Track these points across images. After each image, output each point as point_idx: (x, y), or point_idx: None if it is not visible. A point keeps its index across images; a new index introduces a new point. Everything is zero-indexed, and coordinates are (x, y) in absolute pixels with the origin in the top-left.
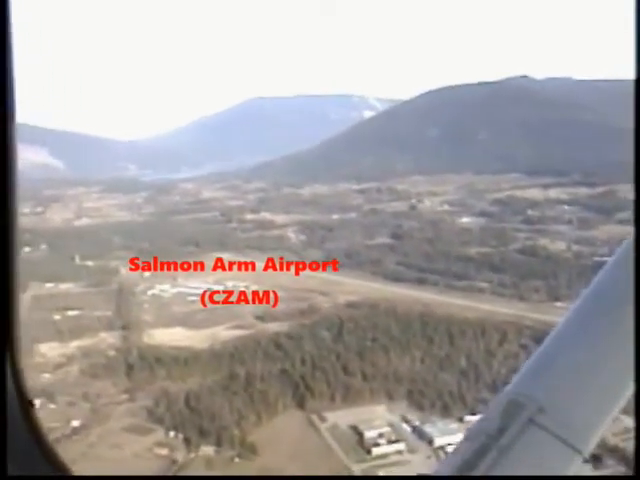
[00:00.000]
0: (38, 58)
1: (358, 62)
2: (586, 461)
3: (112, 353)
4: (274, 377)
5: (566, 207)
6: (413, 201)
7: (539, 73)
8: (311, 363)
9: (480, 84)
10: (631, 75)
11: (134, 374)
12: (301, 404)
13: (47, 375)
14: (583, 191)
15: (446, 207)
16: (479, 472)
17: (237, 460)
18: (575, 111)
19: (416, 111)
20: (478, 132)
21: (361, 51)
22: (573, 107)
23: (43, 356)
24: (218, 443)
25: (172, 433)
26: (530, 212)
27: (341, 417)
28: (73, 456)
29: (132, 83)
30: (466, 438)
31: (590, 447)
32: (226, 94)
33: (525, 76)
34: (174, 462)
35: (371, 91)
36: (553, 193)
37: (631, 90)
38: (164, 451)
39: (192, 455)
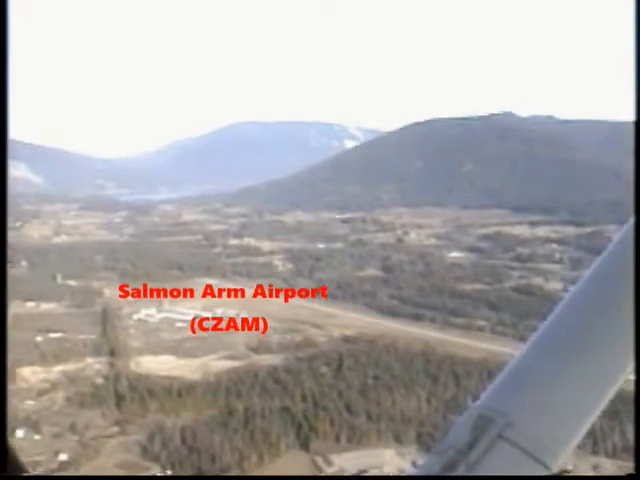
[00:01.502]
0: (18, 71)
1: (340, 91)
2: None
3: (99, 381)
4: (274, 414)
5: (555, 246)
6: (399, 232)
7: (522, 110)
8: (312, 400)
9: (465, 119)
10: (614, 116)
11: (124, 405)
12: (305, 444)
13: (30, 402)
14: (571, 230)
15: (433, 241)
16: None
17: None
18: (560, 149)
19: (401, 142)
20: (463, 166)
21: (343, 80)
22: (558, 145)
23: (26, 381)
24: None
25: (169, 472)
26: (520, 250)
27: (348, 460)
28: None
29: (114, 101)
30: (434, 453)
31: (559, 463)
32: (208, 118)
33: (509, 113)
34: None
35: (352, 120)
36: (541, 231)
37: (614, 130)
38: None
39: None
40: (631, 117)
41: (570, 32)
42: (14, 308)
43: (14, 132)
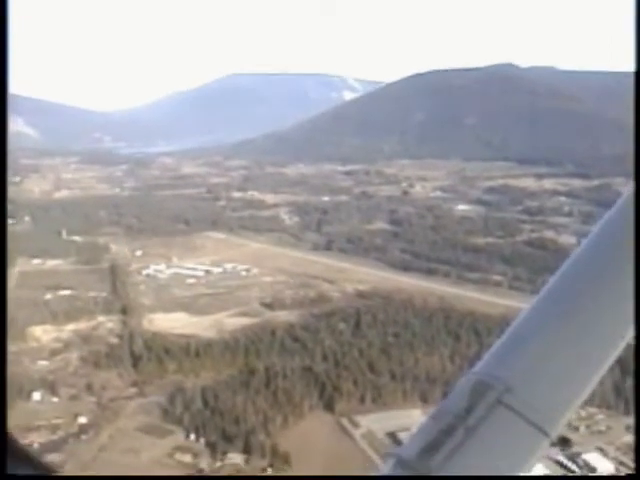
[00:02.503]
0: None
1: (338, 42)
2: (553, 443)
3: (113, 340)
4: (296, 374)
5: (563, 199)
6: (404, 185)
7: (522, 61)
8: (333, 359)
9: (465, 70)
10: (614, 66)
11: (141, 365)
12: (329, 405)
13: (44, 362)
14: (578, 183)
15: (438, 193)
16: (445, 452)
17: (270, 471)
18: (562, 101)
19: (401, 94)
20: (465, 118)
21: (341, 31)
22: (560, 96)
23: (37, 340)
24: (246, 450)
25: (193, 436)
26: (528, 202)
27: (375, 422)
28: (84, 460)
29: (108, 53)
30: (432, 417)
31: (557, 429)
32: (205, 69)
33: (510, 64)
34: (200, 472)
35: (351, 72)
36: (547, 184)
37: (615, 81)
38: (187, 458)
39: (219, 464)
40: (631, 68)
41: None
42: (20, 266)
43: (11, 85)
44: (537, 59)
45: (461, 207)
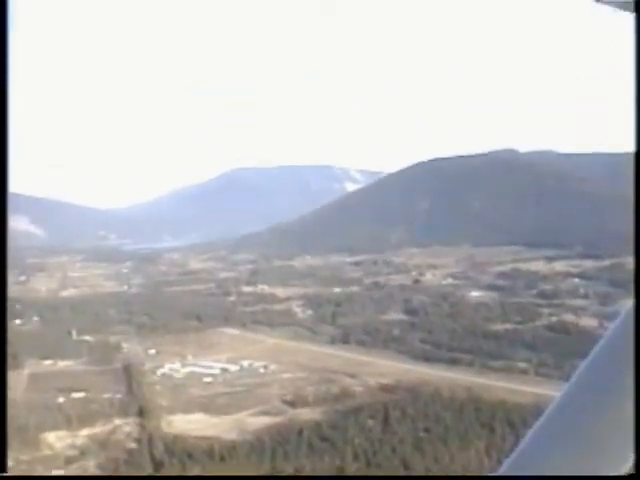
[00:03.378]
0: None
1: (338, 134)
2: None
3: (132, 445)
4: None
5: (577, 280)
6: (414, 274)
7: (522, 146)
8: (365, 458)
9: (466, 157)
10: (612, 148)
11: (163, 472)
12: None
13: (59, 472)
14: (590, 264)
15: (450, 280)
16: None
17: None
18: (565, 182)
19: (405, 183)
20: (470, 204)
21: (341, 123)
22: (562, 178)
23: (51, 448)
24: None
25: None
26: (542, 286)
27: None
28: None
29: (111, 150)
30: None
31: None
32: (207, 164)
33: (510, 149)
34: None
35: (352, 163)
36: (559, 266)
37: (615, 162)
38: None
39: None
40: (629, 149)
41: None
42: (31, 367)
43: (14, 185)
44: (535, 143)
45: (475, 293)
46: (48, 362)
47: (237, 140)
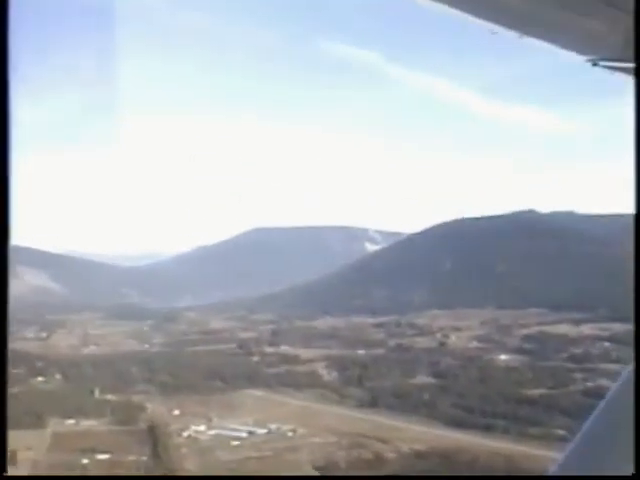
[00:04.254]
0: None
1: (357, 194)
2: None
3: None
4: None
5: (607, 344)
6: (438, 336)
7: (542, 207)
8: None
9: (488, 218)
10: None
11: None
12: None
13: None
14: (618, 327)
15: (476, 343)
16: None
17: None
18: (587, 244)
19: (427, 243)
20: (494, 265)
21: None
22: (585, 240)
23: None
24: None
25: None
26: (572, 350)
27: None
28: None
29: (133, 206)
30: None
31: None
32: (228, 223)
33: (531, 210)
34: None
35: (371, 223)
36: (586, 329)
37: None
38: None
39: None
40: None
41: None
42: (53, 426)
43: (35, 241)
44: (556, 204)
45: (503, 357)
46: (71, 421)
47: (256, 199)
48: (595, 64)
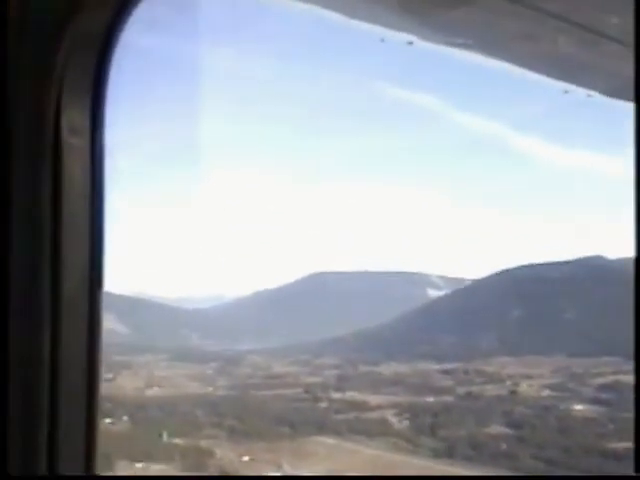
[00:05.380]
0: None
1: (418, 239)
2: None
3: None
4: None
5: None
6: (509, 384)
7: (611, 252)
8: None
9: (555, 264)
10: None
11: None
12: None
13: None
14: None
15: (548, 392)
16: None
17: None
18: None
19: (492, 289)
20: (563, 312)
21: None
22: None
23: None
24: None
25: None
26: None
27: None
28: None
29: (193, 248)
30: None
31: None
32: (289, 267)
33: (599, 256)
34: None
35: (432, 269)
36: None
37: None
38: None
39: None
40: None
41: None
42: (123, 471)
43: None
44: (625, 250)
45: (578, 407)
46: (140, 465)
47: (318, 244)
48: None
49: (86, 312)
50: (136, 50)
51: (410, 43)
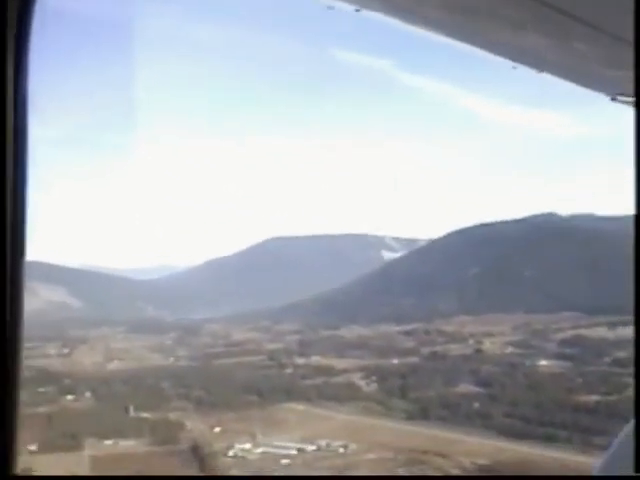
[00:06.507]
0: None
1: (372, 201)
2: None
3: None
4: None
5: None
6: (471, 342)
7: (562, 209)
8: None
9: (510, 222)
10: None
11: None
12: None
13: None
14: None
15: (512, 349)
16: None
17: None
18: (612, 247)
19: (449, 249)
20: (520, 269)
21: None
22: (610, 241)
23: None
24: None
25: None
26: (616, 354)
27: None
28: None
29: (142, 219)
30: None
31: None
32: (242, 234)
33: (551, 213)
34: None
35: (386, 230)
36: (625, 332)
37: None
38: None
39: None
40: None
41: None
42: (91, 448)
43: (51, 256)
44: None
45: (544, 363)
46: (109, 442)
47: (269, 210)
48: (614, 99)
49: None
50: (61, 13)
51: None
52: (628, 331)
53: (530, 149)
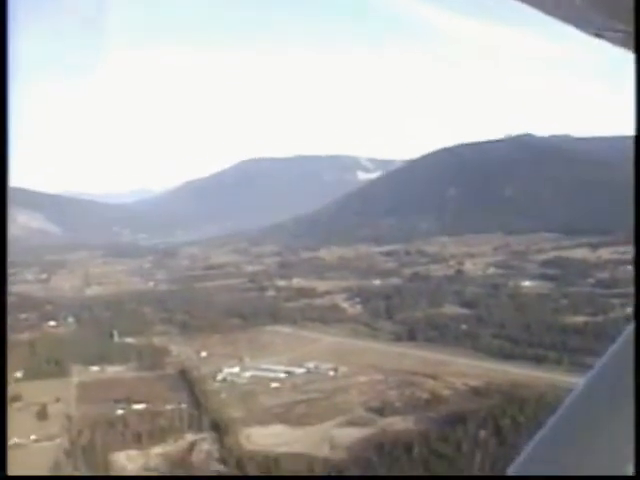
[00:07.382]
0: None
1: (347, 122)
2: None
3: (217, 466)
4: None
5: (630, 268)
6: (452, 263)
7: (538, 130)
8: None
9: (489, 142)
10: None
11: None
12: None
13: None
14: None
15: (493, 270)
16: None
17: None
18: (590, 166)
19: (429, 170)
20: (500, 190)
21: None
22: (586, 161)
23: (124, 470)
24: None
25: None
26: (598, 275)
27: None
28: None
29: (120, 141)
30: None
31: None
32: (218, 156)
33: (528, 134)
34: None
35: (361, 151)
36: (606, 253)
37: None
38: None
39: None
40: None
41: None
42: (78, 375)
43: (28, 182)
44: (551, 128)
45: (527, 283)
46: (95, 368)
47: (244, 131)
48: (599, 35)
49: None
50: None
51: None
52: (608, 252)
53: (506, 68)
